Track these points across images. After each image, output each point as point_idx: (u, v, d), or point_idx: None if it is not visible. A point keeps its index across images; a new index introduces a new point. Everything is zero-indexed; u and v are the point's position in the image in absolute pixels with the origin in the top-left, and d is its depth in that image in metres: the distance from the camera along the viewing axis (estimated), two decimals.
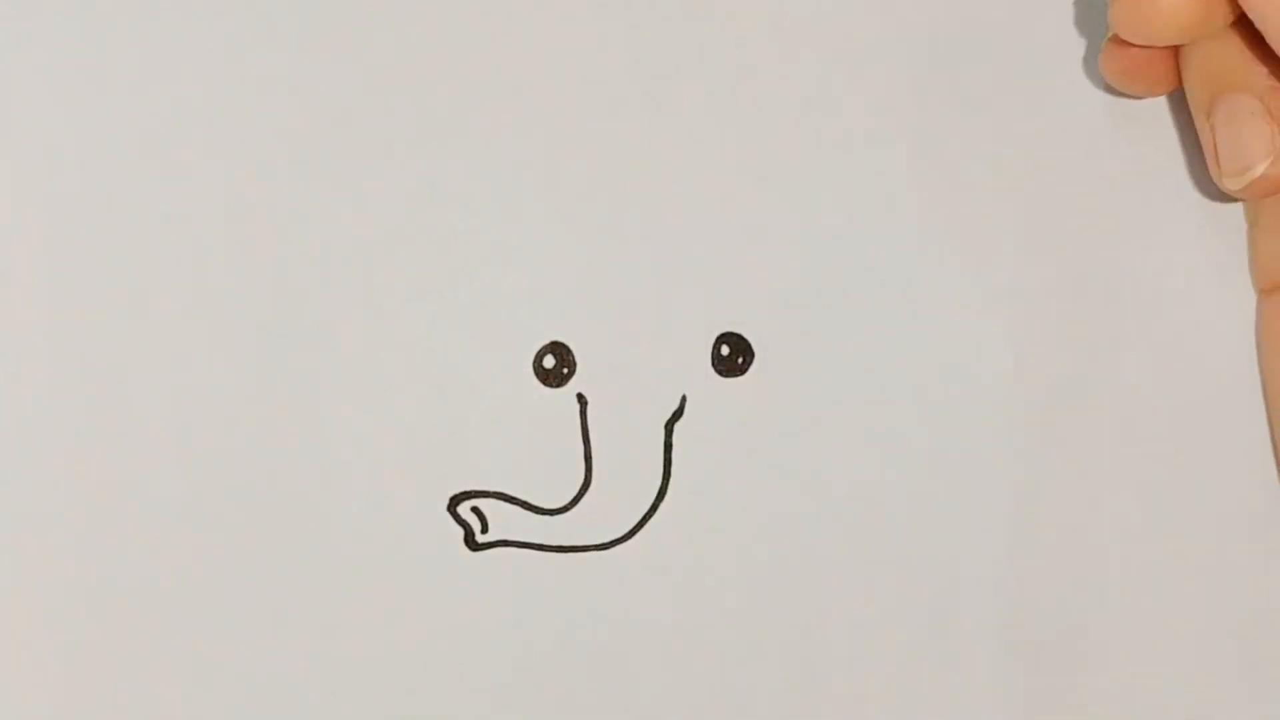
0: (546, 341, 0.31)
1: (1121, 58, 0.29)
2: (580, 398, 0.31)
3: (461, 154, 0.31)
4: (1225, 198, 0.30)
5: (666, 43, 0.31)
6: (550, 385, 0.31)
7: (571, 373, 0.31)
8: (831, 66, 0.31)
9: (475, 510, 0.31)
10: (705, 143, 0.31)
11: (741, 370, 0.31)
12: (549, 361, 0.31)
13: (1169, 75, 0.30)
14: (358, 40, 0.31)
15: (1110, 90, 0.31)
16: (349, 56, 0.31)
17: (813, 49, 0.31)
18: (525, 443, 0.31)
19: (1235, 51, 0.28)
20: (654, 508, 0.31)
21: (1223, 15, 0.27)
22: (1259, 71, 0.28)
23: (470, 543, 0.30)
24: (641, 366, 0.31)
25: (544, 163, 0.31)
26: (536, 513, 0.31)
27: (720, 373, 0.31)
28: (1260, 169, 0.28)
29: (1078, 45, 0.31)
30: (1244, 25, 0.27)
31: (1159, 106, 0.31)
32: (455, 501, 0.30)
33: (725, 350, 0.31)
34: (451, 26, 0.31)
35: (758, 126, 0.31)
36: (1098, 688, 0.31)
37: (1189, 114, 0.30)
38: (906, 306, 0.31)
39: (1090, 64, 0.31)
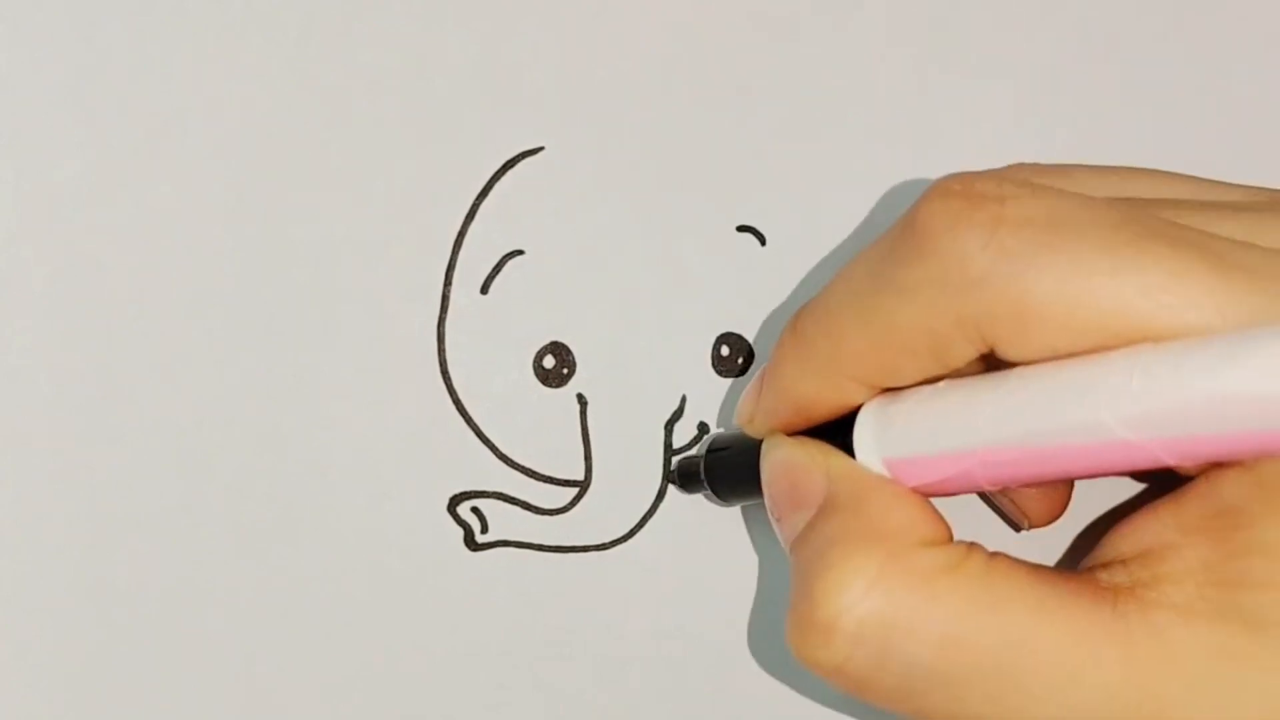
0: (546, 341, 0.31)
1: None
2: (580, 398, 0.31)
3: (462, 153, 0.31)
4: None
5: (669, 43, 0.31)
6: (550, 385, 0.31)
7: (571, 373, 0.31)
8: (834, 64, 0.31)
9: (475, 510, 0.30)
10: (705, 142, 0.31)
11: (741, 370, 0.31)
12: (549, 361, 0.31)
13: None
14: (357, 39, 0.31)
15: None
16: (349, 55, 0.31)
17: (813, 49, 0.31)
18: (525, 443, 0.31)
19: None
20: (654, 508, 0.31)
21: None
22: None
23: (470, 543, 0.30)
24: (641, 366, 0.31)
25: (544, 163, 0.31)
26: (536, 513, 0.31)
27: (720, 373, 0.31)
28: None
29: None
30: None
31: None
32: (455, 501, 0.30)
33: (725, 350, 0.31)
34: (455, 25, 0.31)
35: (759, 125, 0.31)
36: None
37: None
38: None
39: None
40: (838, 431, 0.26)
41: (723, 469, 0.29)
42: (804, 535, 0.25)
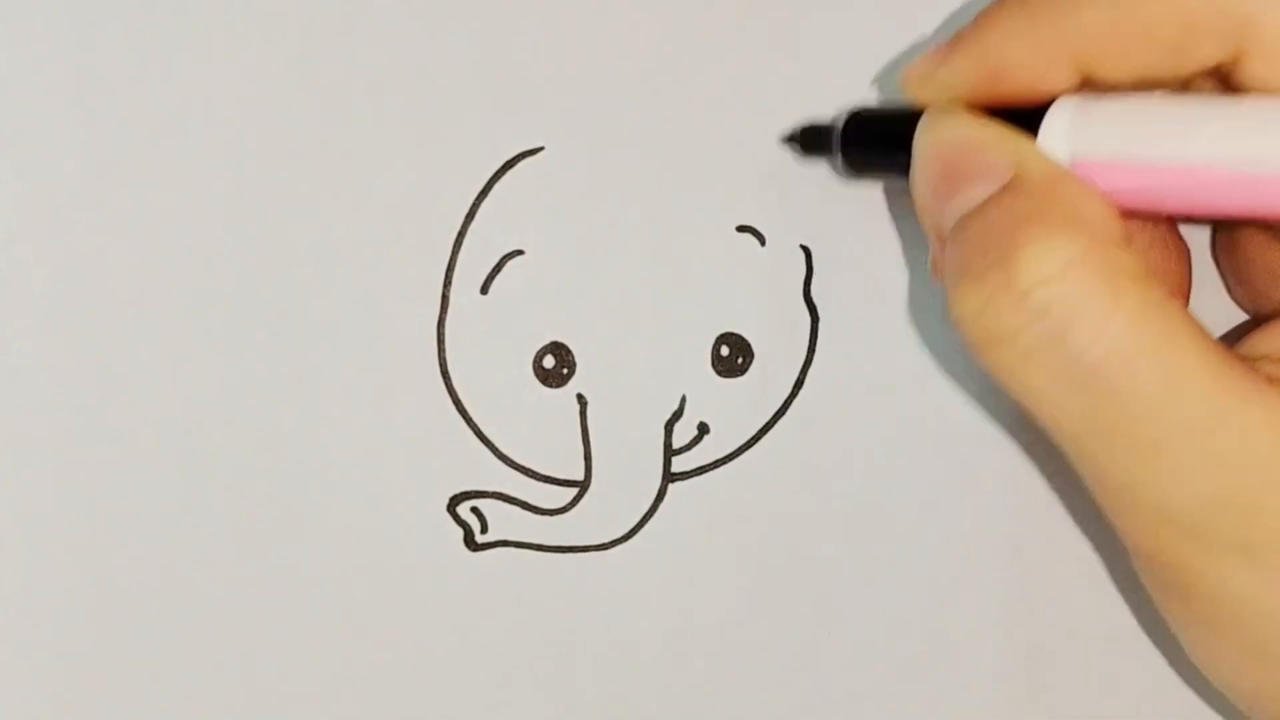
0: (546, 341, 0.31)
1: None
2: (580, 398, 0.31)
3: (462, 153, 0.31)
4: None
5: (669, 44, 0.31)
6: (550, 385, 0.31)
7: (571, 373, 0.31)
8: (834, 64, 0.31)
9: (475, 510, 0.31)
10: (705, 142, 0.31)
11: (741, 370, 0.31)
12: (549, 361, 0.31)
13: None
14: (357, 39, 0.31)
15: None
16: (349, 55, 0.31)
17: (812, 49, 0.31)
18: (525, 443, 0.31)
19: None
20: (654, 508, 0.31)
21: None
22: None
23: (470, 543, 0.31)
24: (641, 366, 0.31)
25: (544, 163, 0.31)
26: (536, 513, 0.31)
27: (720, 373, 0.31)
28: None
29: None
30: None
31: None
32: (455, 501, 0.30)
33: (725, 350, 0.31)
34: (455, 25, 0.31)
35: (759, 125, 0.31)
36: (1096, 688, 0.31)
37: None
38: (907, 307, 0.31)
39: None
40: (1019, 123, 0.24)
41: (865, 134, 0.27)
42: (983, 210, 0.24)
